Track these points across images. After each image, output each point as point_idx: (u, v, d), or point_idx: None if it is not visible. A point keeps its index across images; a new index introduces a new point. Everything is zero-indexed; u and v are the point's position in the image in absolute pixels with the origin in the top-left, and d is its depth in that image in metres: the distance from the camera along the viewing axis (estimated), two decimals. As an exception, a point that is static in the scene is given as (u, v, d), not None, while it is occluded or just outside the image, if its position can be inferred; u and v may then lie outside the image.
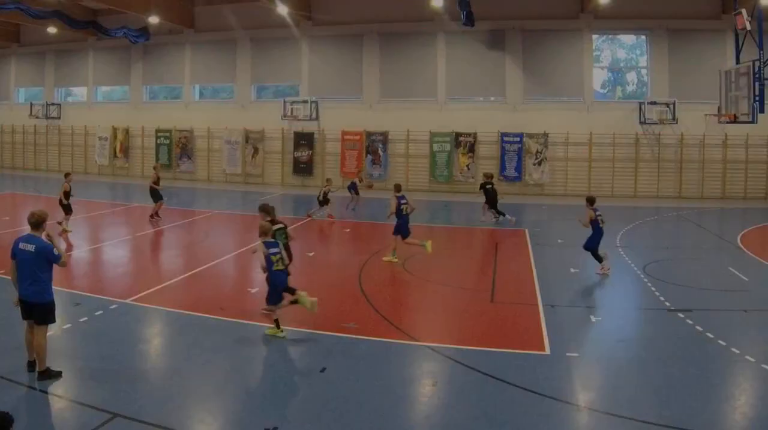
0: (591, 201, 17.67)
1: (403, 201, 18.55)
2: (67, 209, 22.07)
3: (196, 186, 39.56)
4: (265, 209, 13.93)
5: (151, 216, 25.25)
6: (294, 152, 39.82)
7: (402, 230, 18.48)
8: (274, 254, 11.93)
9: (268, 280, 12.01)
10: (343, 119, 38.82)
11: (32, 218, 9.61)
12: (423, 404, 9.39)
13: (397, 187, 19.31)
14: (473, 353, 11.10)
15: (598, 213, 17.25)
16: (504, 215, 26.10)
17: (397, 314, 13.50)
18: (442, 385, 9.94)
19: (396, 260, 18.37)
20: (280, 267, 12.00)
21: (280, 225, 13.82)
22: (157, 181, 25.56)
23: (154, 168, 26.87)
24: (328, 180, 28.07)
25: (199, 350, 11.13)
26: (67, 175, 23.02)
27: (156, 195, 25.38)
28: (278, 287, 12.00)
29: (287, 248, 13.51)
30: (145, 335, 12.19)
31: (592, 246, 17.42)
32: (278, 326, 11.94)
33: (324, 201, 26.25)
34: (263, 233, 12.17)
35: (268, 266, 11.86)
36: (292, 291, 12.42)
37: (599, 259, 17.47)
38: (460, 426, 8.51)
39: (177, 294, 14.71)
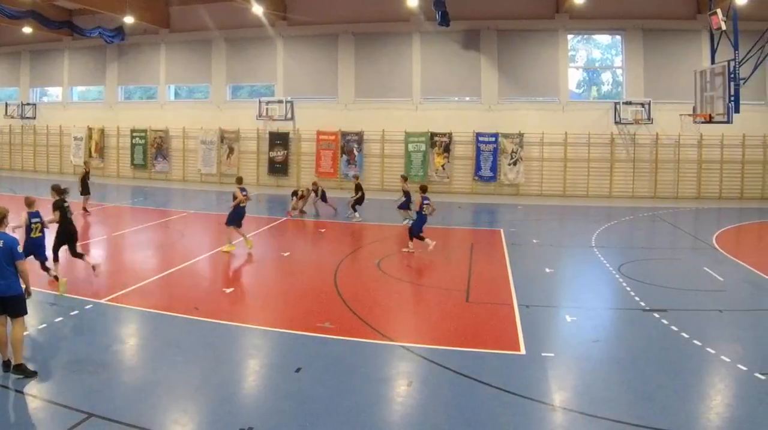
0: (423, 189, 19.77)
1: (243, 193, 19.42)
2: None
3: (171, 186, 38.27)
4: (56, 189, 15.35)
5: (84, 209, 25.89)
6: (269, 152, 38.61)
7: (235, 219, 19.35)
8: (35, 222, 13.56)
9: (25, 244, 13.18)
10: (319, 119, 37.73)
11: None
12: (398, 404, 9.08)
13: (239, 180, 20.39)
14: (448, 353, 10.85)
15: (426, 202, 19.16)
16: (355, 211, 26.55)
17: (372, 313, 13.11)
18: (417, 385, 9.69)
19: (231, 250, 19.07)
20: (37, 234, 13.65)
21: (67, 203, 15.36)
22: (87, 175, 26.75)
23: (85, 163, 28.57)
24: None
25: (174, 350, 10.82)
26: None
27: (85, 188, 26.32)
28: (33, 250, 13.57)
29: (72, 223, 15.34)
30: (121, 335, 11.84)
31: (416, 228, 19.25)
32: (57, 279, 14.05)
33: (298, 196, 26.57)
34: (28, 204, 13.65)
35: (27, 233, 13.44)
36: (81, 256, 15.41)
37: (421, 238, 19.09)
38: (435, 426, 8.26)
39: (152, 294, 14.37)
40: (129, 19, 36.15)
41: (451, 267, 18.07)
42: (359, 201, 26.28)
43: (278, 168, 38.48)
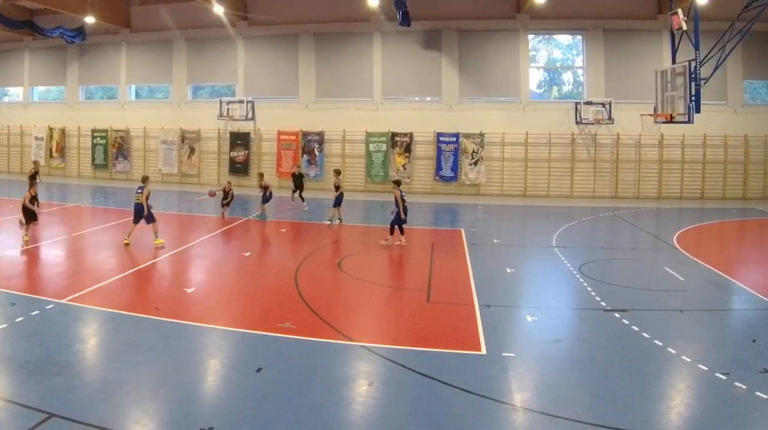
0: (398, 183, 19.93)
1: (138, 191, 19.00)
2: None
3: (132, 186, 35.32)
4: None
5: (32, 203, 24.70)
6: (230, 152, 36.57)
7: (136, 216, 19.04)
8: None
9: None
10: (280, 119, 35.79)
11: None
12: (359, 404, 8.71)
13: (144, 179, 19.68)
14: (409, 353, 10.50)
15: (402, 195, 19.19)
16: (303, 200, 27.26)
17: (333, 313, 12.65)
18: (378, 385, 9.31)
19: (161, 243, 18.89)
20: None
21: None
22: (34, 175, 25.95)
23: (34, 163, 28.19)
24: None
25: (135, 350, 10.37)
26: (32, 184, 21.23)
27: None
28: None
29: None
30: (82, 335, 11.44)
31: (398, 221, 19.20)
32: None
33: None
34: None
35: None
36: None
37: (402, 231, 19.40)
38: (396, 426, 7.95)
39: (113, 294, 13.83)
40: (90, 19, 34.18)
41: (412, 267, 17.49)
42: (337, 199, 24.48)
43: (239, 168, 36.43)
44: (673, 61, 24.18)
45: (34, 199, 19.47)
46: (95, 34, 38.71)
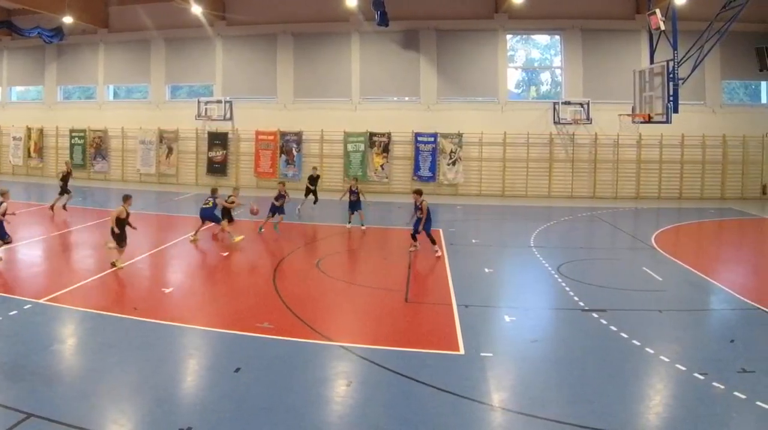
0: (419, 193, 18.46)
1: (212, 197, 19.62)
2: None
3: (110, 186, 35.00)
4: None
5: (64, 207, 24.76)
6: (208, 152, 35.44)
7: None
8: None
9: None
10: (258, 119, 34.75)
11: None
12: (337, 404, 8.60)
13: (214, 190, 19.80)
14: (387, 353, 10.34)
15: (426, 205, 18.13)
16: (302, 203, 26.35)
17: (311, 314, 12.39)
18: (356, 385, 9.18)
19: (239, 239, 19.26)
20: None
21: None
22: (66, 178, 25.34)
23: (66, 163, 27.41)
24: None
25: (113, 350, 10.20)
26: (127, 198, 16.36)
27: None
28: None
29: None
30: (60, 335, 11.22)
31: (429, 229, 18.05)
32: None
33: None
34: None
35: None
36: None
37: (415, 238, 18.35)
38: (374, 426, 7.83)
39: (91, 294, 13.52)
40: (68, 19, 33.10)
41: (390, 267, 17.10)
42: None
43: (217, 168, 35.30)
44: (651, 61, 23.77)
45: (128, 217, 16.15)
46: (73, 34, 37.46)
